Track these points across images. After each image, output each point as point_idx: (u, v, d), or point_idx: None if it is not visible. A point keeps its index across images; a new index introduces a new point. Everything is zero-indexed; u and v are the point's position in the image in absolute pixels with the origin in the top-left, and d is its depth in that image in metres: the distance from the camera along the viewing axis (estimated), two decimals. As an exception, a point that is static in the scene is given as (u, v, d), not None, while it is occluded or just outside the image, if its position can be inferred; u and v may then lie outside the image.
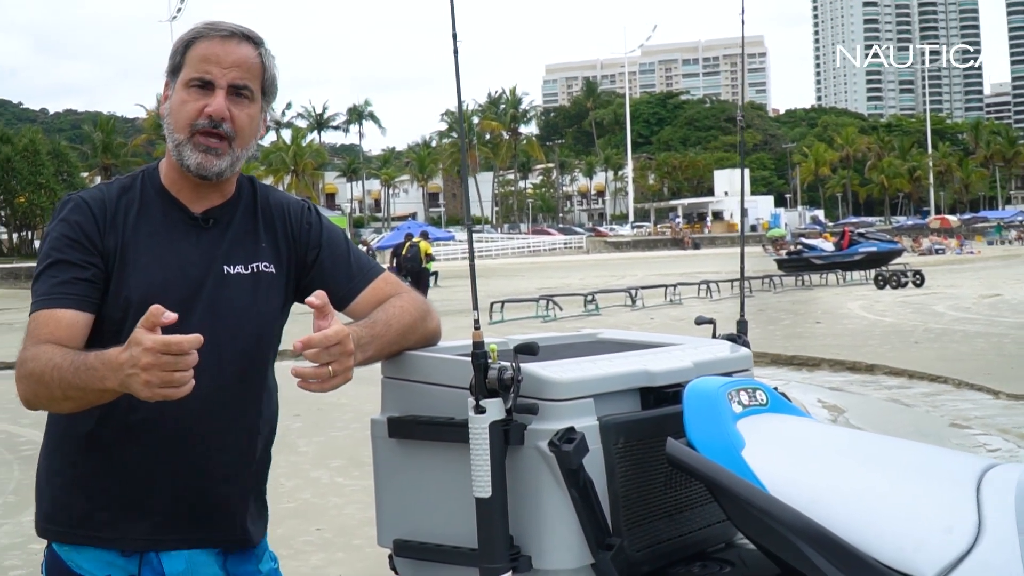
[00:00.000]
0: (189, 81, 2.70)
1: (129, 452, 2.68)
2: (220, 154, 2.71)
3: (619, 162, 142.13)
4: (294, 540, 7.99)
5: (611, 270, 56.94)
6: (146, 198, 2.77)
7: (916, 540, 2.13)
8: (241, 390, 2.80)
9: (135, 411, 2.63)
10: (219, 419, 2.75)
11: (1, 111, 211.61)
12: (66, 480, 2.74)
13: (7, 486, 10.22)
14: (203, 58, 2.70)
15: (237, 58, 2.72)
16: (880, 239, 43.52)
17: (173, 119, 2.73)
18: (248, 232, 2.85)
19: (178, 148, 2.72)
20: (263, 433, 2.91)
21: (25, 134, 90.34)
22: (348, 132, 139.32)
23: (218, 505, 2.77)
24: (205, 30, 2.74)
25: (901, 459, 2.45)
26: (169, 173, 2.80)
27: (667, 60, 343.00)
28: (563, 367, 2.58)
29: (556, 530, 2.46)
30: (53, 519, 2.75)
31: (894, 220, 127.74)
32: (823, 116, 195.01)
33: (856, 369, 16.94)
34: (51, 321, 2.56)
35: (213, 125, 2.69)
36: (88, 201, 2.72)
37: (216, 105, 2.69)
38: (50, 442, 2.80)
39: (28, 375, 2.51)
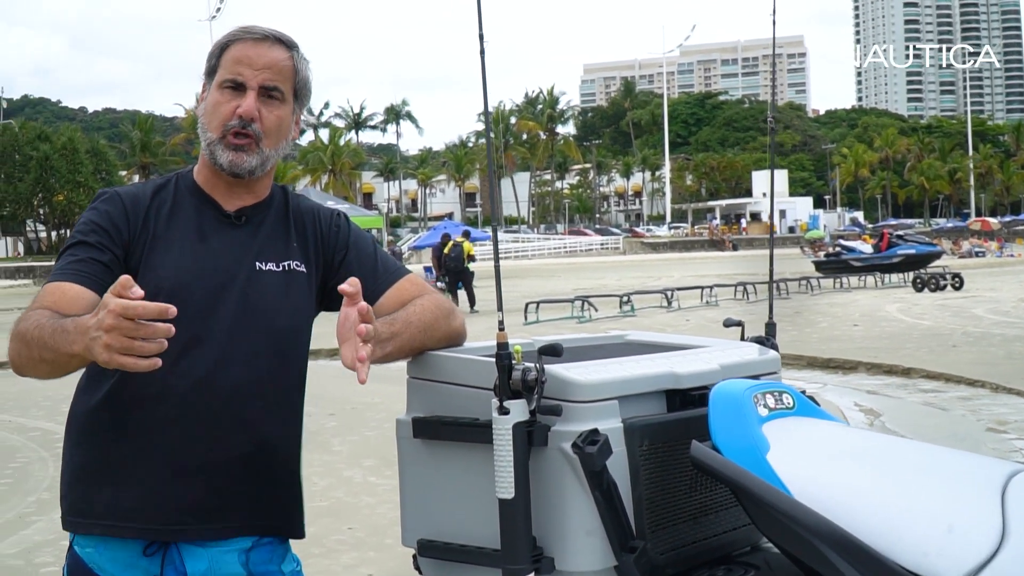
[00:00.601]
0: (223, 83, 2.79)
1: (158, 440, 2.70)
2: (249, 152, 2.78)
3: (656, 163, 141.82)
4: (326, 539, 8.03)
5: (647, 271, 56.87)
6: (179, 196, 2.85)
7: (939, 545, 2.12)
8: (274, 381, 2.83)
9: (166, 398, 2.67)
10: (252, 408, 2.77)
11: (40, 109, 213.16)
12: (92, 470, 2.76)
13: (42, 483, 10.32)
14: (236, 60, 2.79)
15: (268, 60, 2.79)
16: (919, 241, 43.29)
17: (207, 119, 2.81)
18: (280, 232, 2.90)
19: (211, 147, 2.79)
20: (293, 425, 2.93)
21: (64, 132, 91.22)
22: (385, 132, 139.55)
23: (246, 493, 2.78)
24: (240, 33, 2.83)
25: (926, 463, 2.44)
26: (203, 172, 2.87)
27: (706, 60, 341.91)
28: (588, 369, 2.58)
29: (579, 532, 2.47)
30: (78, 511, 2.77)
31: (934, 222, 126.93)
32: (863, 117, 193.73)
33: (893, 372, 16.86)
34: (56, 291, 2.61)
35: (243, 125, 2.76)
36: (121, 194, 2.81)
37: (246, 106, 2.76)
38: (75, 434, 2.82)
39: (17, 334, 2.55)
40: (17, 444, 12.55)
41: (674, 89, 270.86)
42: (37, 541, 8.31)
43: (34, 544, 8.25)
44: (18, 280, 65.72)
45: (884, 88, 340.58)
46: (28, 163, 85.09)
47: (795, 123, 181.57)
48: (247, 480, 2.78)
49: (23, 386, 16.95)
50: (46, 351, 2.44)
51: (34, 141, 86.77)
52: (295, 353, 2.88)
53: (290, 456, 2.93)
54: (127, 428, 2.71)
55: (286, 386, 2.87)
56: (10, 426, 13.89)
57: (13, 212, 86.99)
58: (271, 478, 2.85)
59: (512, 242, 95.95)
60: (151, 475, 2.71)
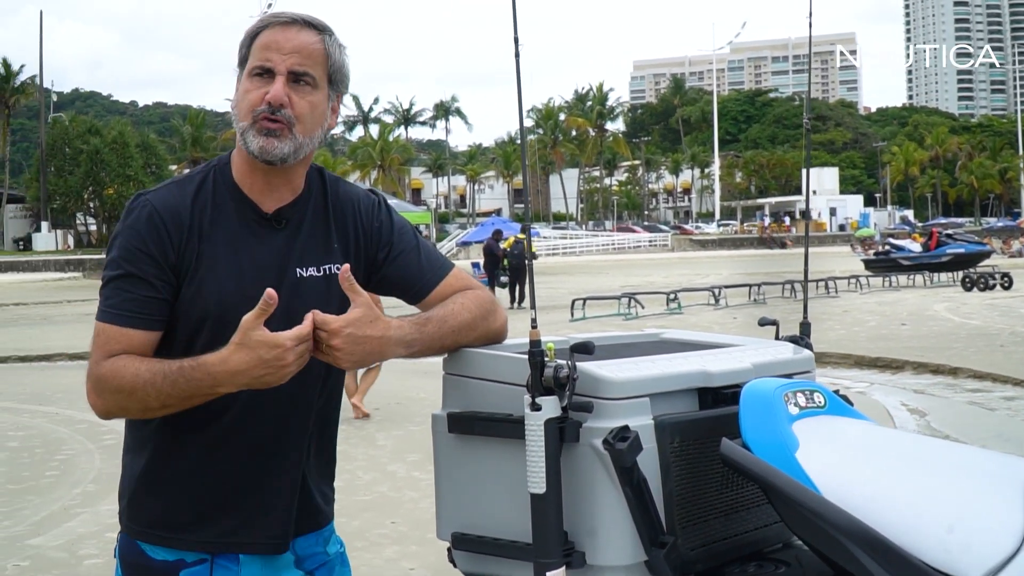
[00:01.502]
0: (252, 70, 2.72)
1: (214, 457, 2.73)
2: (281, 137, 2.68)
3: (706, 160, 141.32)
4: (369, 532, 8.10)
5: (696, 268, 56.74)
6: (219, 198, 2.75)
7: (962, 542, 2.14)
8: (320, 391, 2.84)
9: (221, 417, 2.69)
10: (302, 422, 2.80)
11: (91, 103, 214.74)
12: (150, 481, 2.76)
13: (88, 475, 10.44)
14: (264, 46, 2.71)
15: (297, 44, 2.71)
16: (968, 240, 42.93)
17: (238, 108, 2.75)
18: (320, 232, 2.83)
19: (243, 135, 2.72)
20: (335, 427, 2.98)
21: (114, 126, 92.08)
22: (435, 128, 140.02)
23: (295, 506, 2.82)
24: (269, 19, 2.76)
25: (951, 462, 2.45)
26: (240, 166, 2.79)
27: (756, 57, 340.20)
28: (619, 366, 2.60)
29: (610, 527, 2.49)
30: (135, 518, 2.78)
31: (984, 221, 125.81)
32: (914, 115, 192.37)
33: (940, 372, 16.77)
34: (123, 339, 2.62)
35: (272, 111, 2.68)
36: (161, 213, 2.69)
37: (274, 91, 2.68)
38: (135, 443, 2.82)
39: (113, 391, 2.59)
40: (64, 436, 12.70)
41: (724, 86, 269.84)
42: (81, 533, 8.41)
43: (78, 536, 8.34)
44: (68, 273, 66.42)
45: (935, 86, 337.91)
46: (78, 156, 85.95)
47: (846, 120, 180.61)
48: (296, 493, 2.82)
49: (71, 379, 17.21)
50: (168, 399, 2.54)
51: (84, 135, 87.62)
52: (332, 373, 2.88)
53: (331, 457, 2.98)
54: (185, 445, 2.73)
55: (329, 393, 2.90)
56: (57, 418, 14.04)
57: (63, 205, 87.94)
58: (317, 486, 2.90)
59: (560, 238, 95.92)
60: (207, 492, 2.74)
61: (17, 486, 10.19)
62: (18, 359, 21.45)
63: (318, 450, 2.90)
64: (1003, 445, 11.24)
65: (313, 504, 2.89)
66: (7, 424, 13.79)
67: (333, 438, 2.98)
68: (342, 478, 9.51)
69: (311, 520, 2.89)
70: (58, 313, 34.30)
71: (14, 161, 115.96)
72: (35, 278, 63.99)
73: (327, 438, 2.94)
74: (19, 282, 60.51)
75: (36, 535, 8.42)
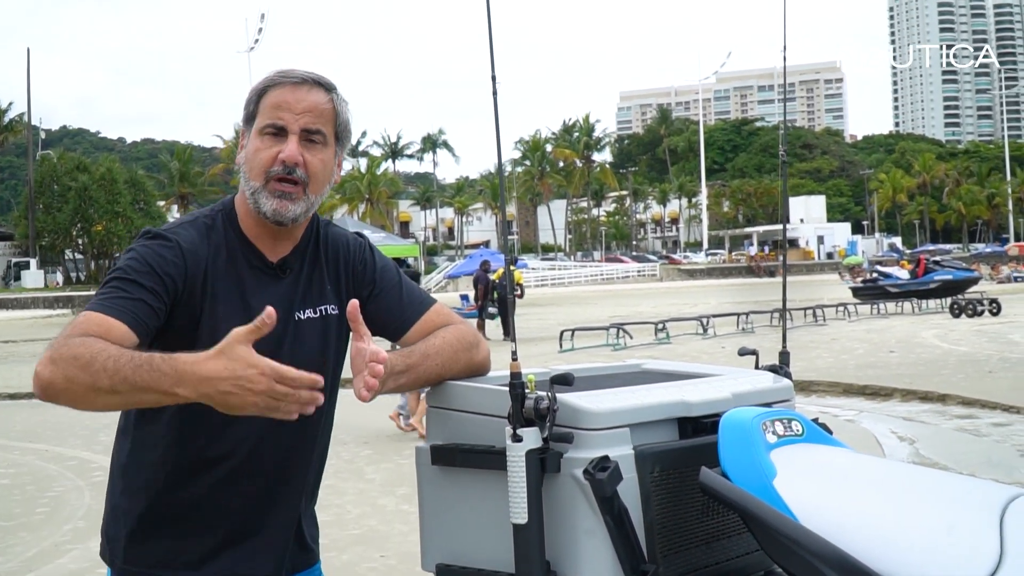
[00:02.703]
0: (263, 128, 2.74)
1: (217, 500, 2.76)
2: (295, 199, 2.73)
3: (693, 189, 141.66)
4: (358, 567, 8.10)
5: (684, 298, 56.80)
6: (231, 245, 2.79)
7: (939, 567, 2.18)
8: (318, 431, 2.91)
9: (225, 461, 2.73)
10: (301, 463, 2.87)
11: (79, 140, 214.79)
12: (149, 520, 2.77)
13: (77, 512, 10.42)
14: (276, 105, 2.73)
15: (309, 104, 2.74)
16: (956, 267, 42.99)
17: (248, 167, 2.76)
18: (316, 277, 2.90)
19: (254, 195, 2.74)
20: (323, 464, 3.03)
21: (103, 163, 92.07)
22: (422, 160, 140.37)
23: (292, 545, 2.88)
24: (277, 78, 2.77)
25: (928, 488, 2.49)
26: (246, 220, 2.82)
27: (742, 87, 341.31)
28: (599, 397, 2.64)
29: (592, 556, 2.52)
30: (134, 559, 2.79)
31: (972, 247, 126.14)
32: (900, 142, 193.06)
33: (928, 399, 16.79)
34: (104, 325, 2.47)
35: (287, 171, 2.71)
36: (184, 247, 2.70)
37: (289, 151, 2.71)
38: (126, 480, 2.82)
39: (71, 357, 2.35)
40: (54, 473, 12.67)
41: (710, 116, 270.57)
42: (72, 569, 8.39)
43: (69, 572, 8.32)
44: (57, 310, 66.20)
45: (921, 113, 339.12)
46: (67, 194, 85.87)
47: (832, 148, 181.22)
48: (292, 529, 2.88)
49: (60, 416, 17.13)
50: (124, 384, 2.31)
51: (73, 172, 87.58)
52: (332, 399, 2.92)
53: (317, 493, 3.04)
54: (187, 488, 2.75)
55: (325, 431, 2.97)
56: (47, 455, 14.02)
57: (52, 242, 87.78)
58: (307, 522, 2.97)
59: (548, 269, 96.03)
60: (212, 531, 2.77)
61: (8, 523, 10.18)
62: (7, 396, 21.39)
63: (312, 488, 2.96)
64: (992, 471, 11.26)
65: (305, 541, 2.94)
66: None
67: (321, 474, 3.04)
68: (331, 512, 9.57)
69: (305, 556, 2.94)
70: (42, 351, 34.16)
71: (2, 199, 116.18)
72: (24, 315, 63.86)
73: (319, 475, 3.00)
74: (8, 319, 60.36)
75: (27, 571, 8.41)
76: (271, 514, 2.81)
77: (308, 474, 2.90)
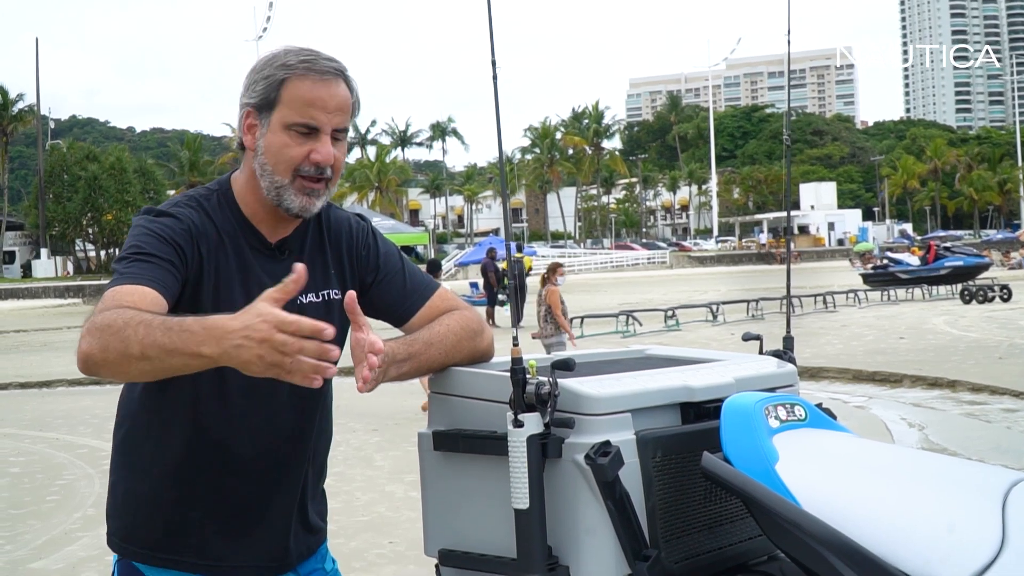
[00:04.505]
0: (292, 125, 2.67)
1: (228, 483, 2.76)
2: (320, 195, 2.72)
3: (703, 176, 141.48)
4: (367, 553, 8.12)
5: (694, 285, 56.72)
6: (230, 225, 2.77)
7: (941, 551, 2.17)
8: (320, 412, 2.91)
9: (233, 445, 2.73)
10: (307, 445, 2.86)
11: (89, 129, 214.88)
12: (154, 504, 2.77)
13: (87, 499, 10.46)
14: (308, 102, 2.66)
15: (339, 102, 2.70)
16: (966, 253, 42.88)
17: (272, 161, 2.69)
18: (318, 260, 2.87)
19: (278, 191, 2.70)
20: (329, 446, 3.02)
21: (112, 152, 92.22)
22: (431, 148, 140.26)
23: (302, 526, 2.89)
24: (301, 68, 2.68)
25: (930, 472, 2.49)
26: (251, 204, 2.79)
27: (752, 73, 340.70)
28: (601, 382, 2.64)
29: (593, 541, 2.53)
30: (134, 539, 2.79)
31: (984, 233, 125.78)
32: (911, 128, 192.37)
33: (938, 385, 16.76)
34: (135, 293, 2.44)
35: (319, 171, 2.69)
36: (188, 224, 2.69)
37: (325, 153, 2.67)
38: (133, 462, 2.82)
39: (104, 326, 2.31)
40: (64, 461, 12.71)
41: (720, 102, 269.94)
42: (82, 557, 8.43)
43: (79, 560, 8.37)
44: (68, 299, 66.35)
45: (932, 99, 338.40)
46: (77, 183, 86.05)
47: (843, 135, 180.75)
48: (305, 513, 2.89)
49: (70, 404, 17.25)
50: (154, 348, 2.24)
51: (82, 161, 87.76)
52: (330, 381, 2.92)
53: (323, 476, 3.04)
54: (199, 471, 2.75)
55: (327, 413, 2.96)
56: (58, 444, 14.06)
57: (62, 232, 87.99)
58: (313, 505, 2.96)
59: (558, 257, 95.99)
60: (213, 515, 2.76)
61: (19, 511, 10.21)
62: (18, 386, 21.46)
63: (318, 470, 2.95)
64: (1000, 457, 11.25)
65: (311, 523, 2.94)
66: (8, 450, 13.80)
67: (327, 453, 3.03)
68: (340, 498, 9.59)
69: (311, 538, 2.94)
70: (58, 339, 34.26)
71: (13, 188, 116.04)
72: (35, 305, 63.98)
73: (324, 455, 2.99)
74: (19, 309, 60.49)
75: (37, 559, 8.45)
76: (273, 498, 2.81)
77: (310, 455, 2.89)
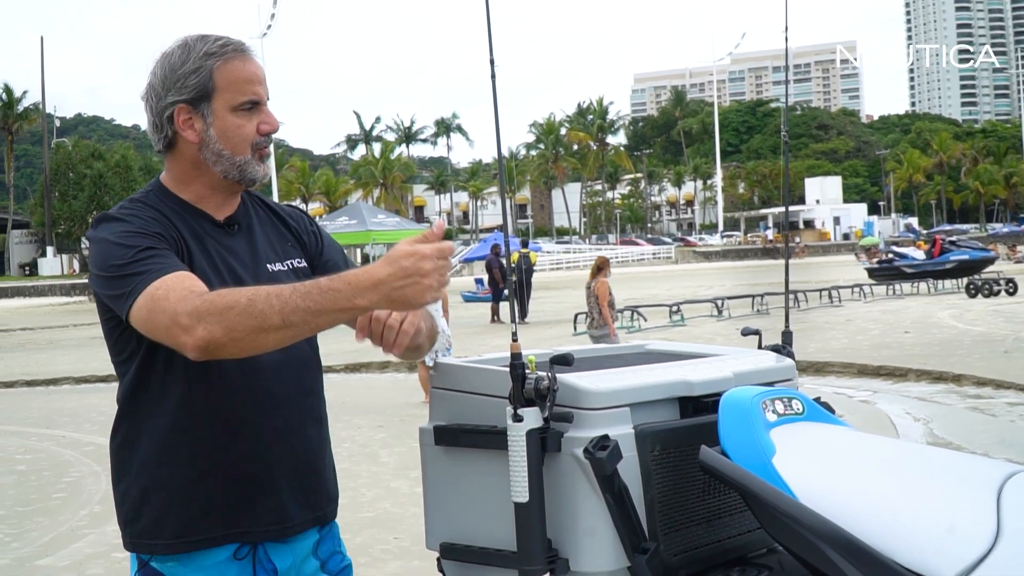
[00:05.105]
0: (240, 105, 2.77)
1: (230, 453, 2.76)
2: (268, 159, 2.87)
3: (708, 171, 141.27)
4: (372, 548, 8.15)
5: (699, 280, 56.71)
6: (176, 212, 2.80)
7: (935, 544, 2.20)
8: (310, 377, 2.92)
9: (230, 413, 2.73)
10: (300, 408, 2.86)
11: (93, 127, 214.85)
12: (170, 490, 2.76)
13: (94, 496, 10.49)
14: (246, 80, 2.78)
15: (263, 74, 2.83)
16: (972, 247, 42.87)
17: (230, 144, 2.77)
18: (273, 233, 2.96)
19: (240, 168, 2.78)
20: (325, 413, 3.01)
21: (117, 150, 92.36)
22: (436, 145, 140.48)
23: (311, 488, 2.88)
24: (219, 49, 2.78)
25: (926, 465, 2.51)
26: (184, 190, 2.84)
27: (757, 68, 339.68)
28: (600, 377, 2.67)
29: (592, 534, 2.55)
30: (155, 533, 2.77)
31: (990, 227, 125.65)
32: (917, 122, 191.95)
33: (943, 379, 16.74)
34: (189, 278, 2.54)
35: (269, 141, 2.83)
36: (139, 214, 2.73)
37: (273, 121, 2.82)
38: (140, 456, 2.80)
39: (223, 308, 2.41)
40: (71, 459, 12.75)
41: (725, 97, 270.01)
42: (88, 554, 8.46)
43: (85, 556, 8.39)
44: (74, 297, 66.45)
45: (937, 93, 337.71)
46: (82, 181, 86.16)
47: (848, 129, 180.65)
48: (309, 475, 2.88)
49: (78, 402, 17.31)
50: (293, 313, 2.37)
51: (88, 159, 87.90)
52: (315, 343, 2.96)
53: (327, 444, 3.04)
54: (200, 446, 2.75)
55: (317, 378, 2.97)
56: (64, 441, 14.10)
57: (68, 230, 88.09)
58: (323, 470, 2.96)
59: (563, 252, 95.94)
60: (231, 487, 2.76)
61: (25, 508, 10.25)
62: (25, 383, 21.51)
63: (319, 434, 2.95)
64: (1005, 451, 11.26)
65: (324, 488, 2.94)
66: (15, 448, 13.85)
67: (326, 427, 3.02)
68: (345, 495, 9.55)
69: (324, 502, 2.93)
70: (64, 337, 34.35)
71: (18, 187, 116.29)
72: (41, 303, 64.11)
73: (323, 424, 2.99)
74: (25, 307, 60.62)
75: (44, 556, 8.48)
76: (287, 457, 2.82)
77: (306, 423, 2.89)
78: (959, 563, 2.16)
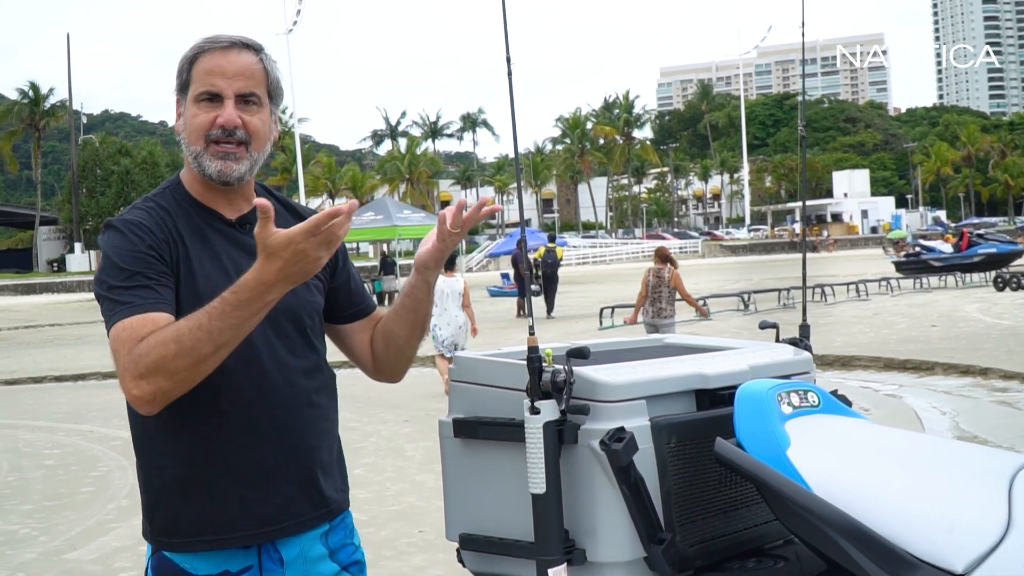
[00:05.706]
0: (199, 95, 2.79)
1: (239, 450, 2.78)
2: (238, 159, 2.79)
3: (735, 165, 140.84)
4: (397, 541, 8.19)
5: (726, 274, 56.57)
6: (187, 211, 2.85)
7: (947, 534, 2.22)
8: (317, 372, 2.93)
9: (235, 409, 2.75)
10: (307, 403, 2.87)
11: (121, 124, 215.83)
12: (180, 488, 2.79)
13: (121, 490, 10.57)
14: (208, 71, 2.79)
15: (240, 67, 2.80)
16: (1000, 240, 42.53)
17: (188, 132, 2.81)
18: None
19: (197, 159, 2.80)
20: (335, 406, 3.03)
21: (144, 146, 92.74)
22: (462, 140, 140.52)
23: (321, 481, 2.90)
24: (206, 44, 2.83)
25: (939, 457, 2.53)
26: (195, 186, 2.89)
27: (783, 60, 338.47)
28: (617, 370, 2.69)
29: (609, 525, 2.58)
30: (173, 532, 2.81)
31: (1018, 220, 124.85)
32: (944, 115, 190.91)
33: (969, 373, 16.68)
34: (149, 322, 2.57)
35: (227, 134, 2.78)
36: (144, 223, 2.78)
37: (227, 115, 2.77)
38: (151, 458, 2.84)
39: (157, 362, 2.49)
40: (98, 453, 12.85)
41: (751, 90, 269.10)
42: (116, 547, 8.53)
43: (113, 550, 8.47)
44: (103, 293, 66.65)
45: (965, 85, 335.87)
46: (109, 177, 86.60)
47: (876, 122, 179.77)
48: (318, 469, 2.90)
49: (105, 397, 17.43)
50: (220, 335, 2.47)
51: (115, 155, 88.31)
52: (322, 340, 2.98)
53: (337, 437, 3.06)
54: (209, 443, 2.77)
55: (325, 372, 2.98)
56: (92, 436, 14.20)
57: (96, 226, 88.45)
58: (333, 462, 2.98)
59: (590, 247, 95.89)
60: (241, 484, 2.78)
61: (54, 502, 10.34)
62: (53, 379, 21.67)
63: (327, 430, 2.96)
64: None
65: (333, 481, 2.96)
66: (43, 442, 13.96)
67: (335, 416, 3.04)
68: (371, 488, 9.68)
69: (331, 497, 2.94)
70: (92, 333, 34.50)
71: (46, 183, 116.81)
72: (70, 299, 64.39)
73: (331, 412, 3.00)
74: (54, 303, 60.94)
75: (72, 549, 8.56)
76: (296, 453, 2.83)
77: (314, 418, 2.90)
78: (970, 553, 2.18)
